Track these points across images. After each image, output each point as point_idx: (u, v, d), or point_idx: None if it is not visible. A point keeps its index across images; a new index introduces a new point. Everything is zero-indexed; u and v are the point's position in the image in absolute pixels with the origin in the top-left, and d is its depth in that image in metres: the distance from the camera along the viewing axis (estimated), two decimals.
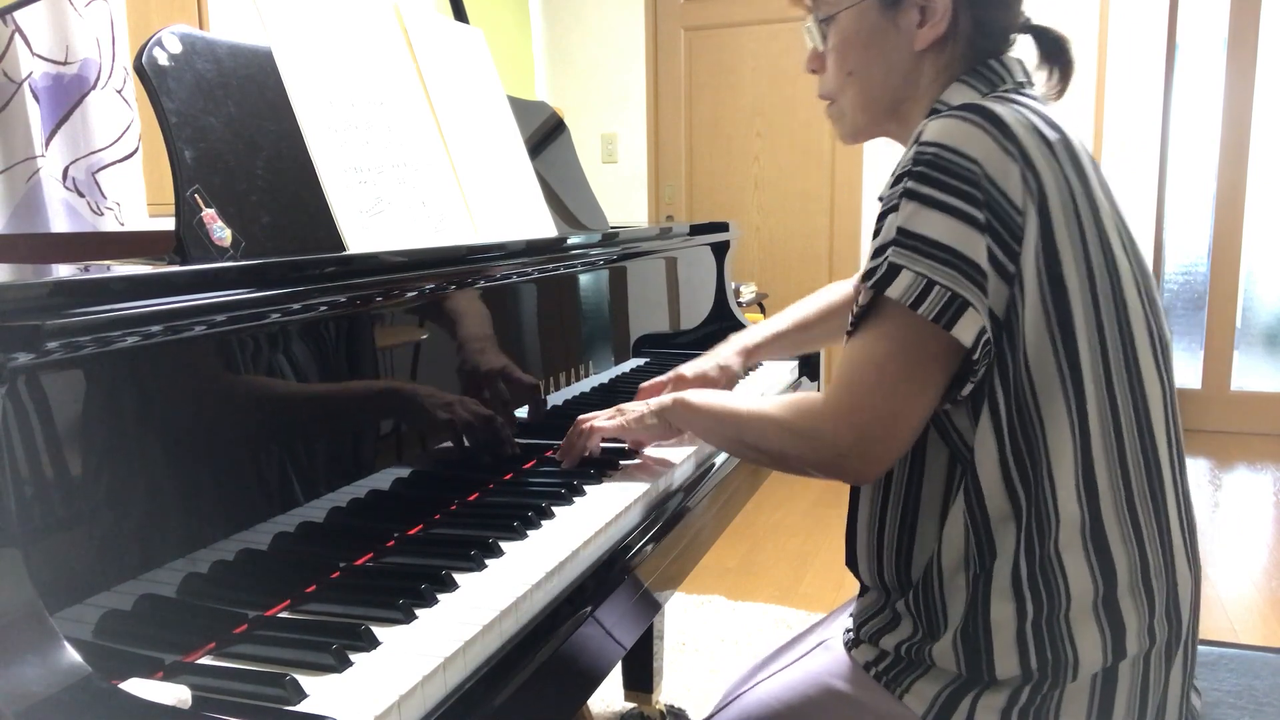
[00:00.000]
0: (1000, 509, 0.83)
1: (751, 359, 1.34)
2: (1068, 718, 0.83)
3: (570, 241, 1.24)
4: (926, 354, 0.80)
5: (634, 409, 1.08)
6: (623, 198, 4.19)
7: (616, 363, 1.40)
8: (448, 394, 0.98)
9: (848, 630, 0.99)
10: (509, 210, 1.23)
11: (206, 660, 0.66)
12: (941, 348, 0.80)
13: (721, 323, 1.82)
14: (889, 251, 0.79)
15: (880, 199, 0.87)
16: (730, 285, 1.84)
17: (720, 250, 1.83)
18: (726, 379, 1.29)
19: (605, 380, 1.35)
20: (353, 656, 0.65)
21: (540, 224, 1.29)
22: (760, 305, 3.82)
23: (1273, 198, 3.94)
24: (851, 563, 0.98)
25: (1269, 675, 1.06)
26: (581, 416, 1.10)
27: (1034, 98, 0.88)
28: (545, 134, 1.58)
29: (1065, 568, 0.82)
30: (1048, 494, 0.81)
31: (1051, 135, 0.82)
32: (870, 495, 0.93)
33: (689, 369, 1.27)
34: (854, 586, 2.63)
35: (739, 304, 1.89)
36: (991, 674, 0.84)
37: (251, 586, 0.73)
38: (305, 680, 0.62)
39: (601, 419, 1.09)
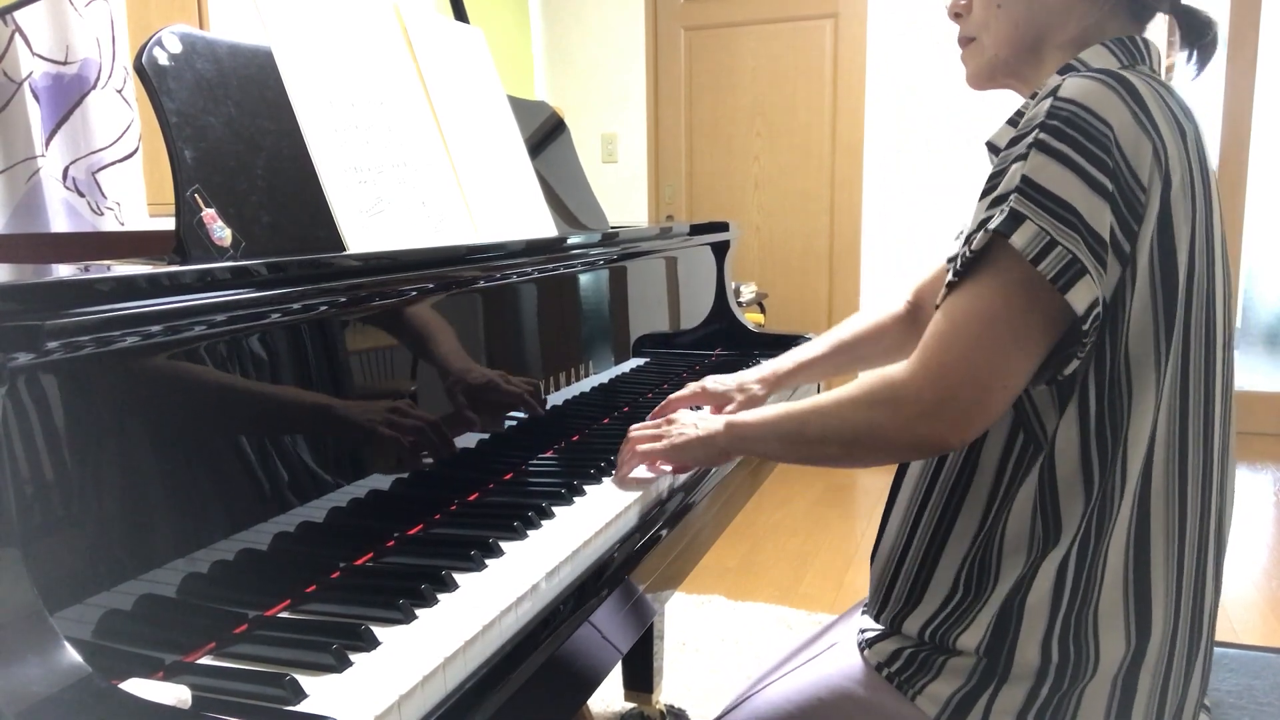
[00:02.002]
0: (1072, 495, 0.81)
1: (778, 387, 1.28)
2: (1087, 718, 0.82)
3: (570, 241, 1.24)
4: (1037, 315, 0.76)
5: (681, 433, 1.03)
6: (623, 198, 4.19)
7: (616, 363, 1.40)
8: (448, 393, 0.98)
9: (862, 630, 0.98)
10: (509, 210, 1.23)
11: (206, 660, 0.66)
12: (1053, 312, 0.76)
13: (721, 322, 1.82)
14: (1010, 199, 0.76)
15: (992, 145, 0.86)
16: (730, 285, 1.84)
17: (720, 250, 1.83)
18: (746, 401, 1.24)
19: (605, 380, 1.35)
20: (353, 656, 0.65)
21: (540, 224, 1.29)
22: (760, 305, 3.82)
23: (1273, 198, 3.94)
24: (881, 542, 0.97)
25: (1269, 675, 1.06)
26: (631, 432, 1.07)
27: (1169, 87, 0.86)
28: (545, 134, 1.58)
29: (1108, 561, 0.81)
30: (1116, 488, 0.80)
31: (1185, 124, 0.81)
32: (920, 463, 0.92)
33: (711, 381, 1.24)
34: (855, 586, 2.63)
35: (739, 304, 1.89)
36: (1009, 662, 0.83)
37: (251, 586, 0.73)
38: (305, 680, 0.62)
39: (648, 440, 1.04)
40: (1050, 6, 0.89)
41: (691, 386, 1.23)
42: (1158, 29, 0.94)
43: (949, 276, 0.81)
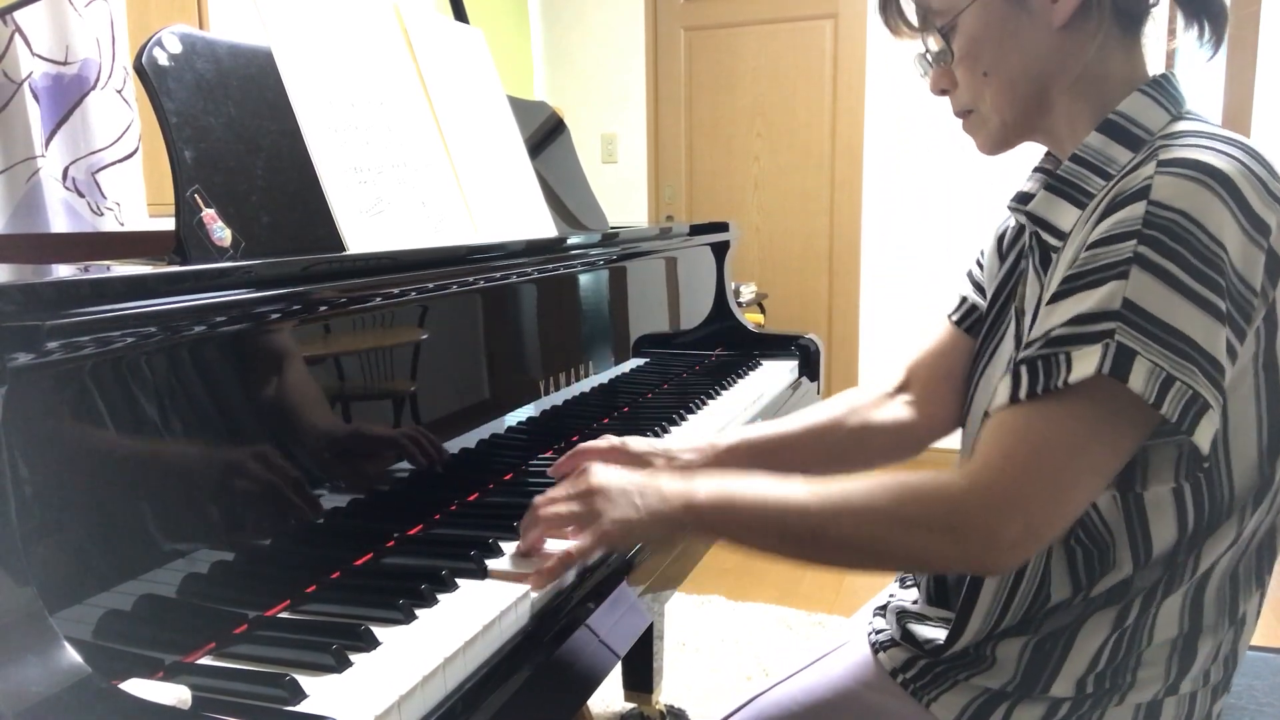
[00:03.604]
0: (1157, 561, 0.77)
1: (715, 462, 1.02)
2: None
3: (570, 241, 1.24)
4: (1129, 444, 0.70)
5: (613, 515, 0.80)
6: (623, 198, 4.19)
7: (616, 363, 1.40)
8: (447, 393, 0.98)
9: (876, 631, 0.96)
10: (509, 210, 1.23)
11: (206, 660, 0.66)
12: (1143, 435, 0.70)
13: (721, 323, 1.82)
14: (1113, 327, 0.66)
15: (1023, 208, 0.78)
16: (730, 285, 1.84)
17: (720, 250, 1.83)
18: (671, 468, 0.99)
19: (605, 380, 1.35)
20: (353, 656, 0.65)
21: (540, 224, 1.29)
22: (760, 305, 3.82)
23: None
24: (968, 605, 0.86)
25: (1269, 675, 1.06)
26: (538, 505, 0.84)
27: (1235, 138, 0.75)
28: (545, 134, 1.58)
29: (1161, 612, 0.79)
30: (1200, 554, 0.76)
31: (1274, 184, 0.70)
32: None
33: (635, 442, 1.00)
34: (855, 586, 2.62)
35: (739, 304, 1.89)
36: (1049, 684, 0.81)
37: (251, 586, 0.73)
38: (305, 680, 0.62)
39: (565, 520, 0.82)
40: (1039, 54, 0.82)
41: (608, 440, 0.99)
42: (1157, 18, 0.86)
43: (1018, 389, 0.70)
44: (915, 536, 0.72)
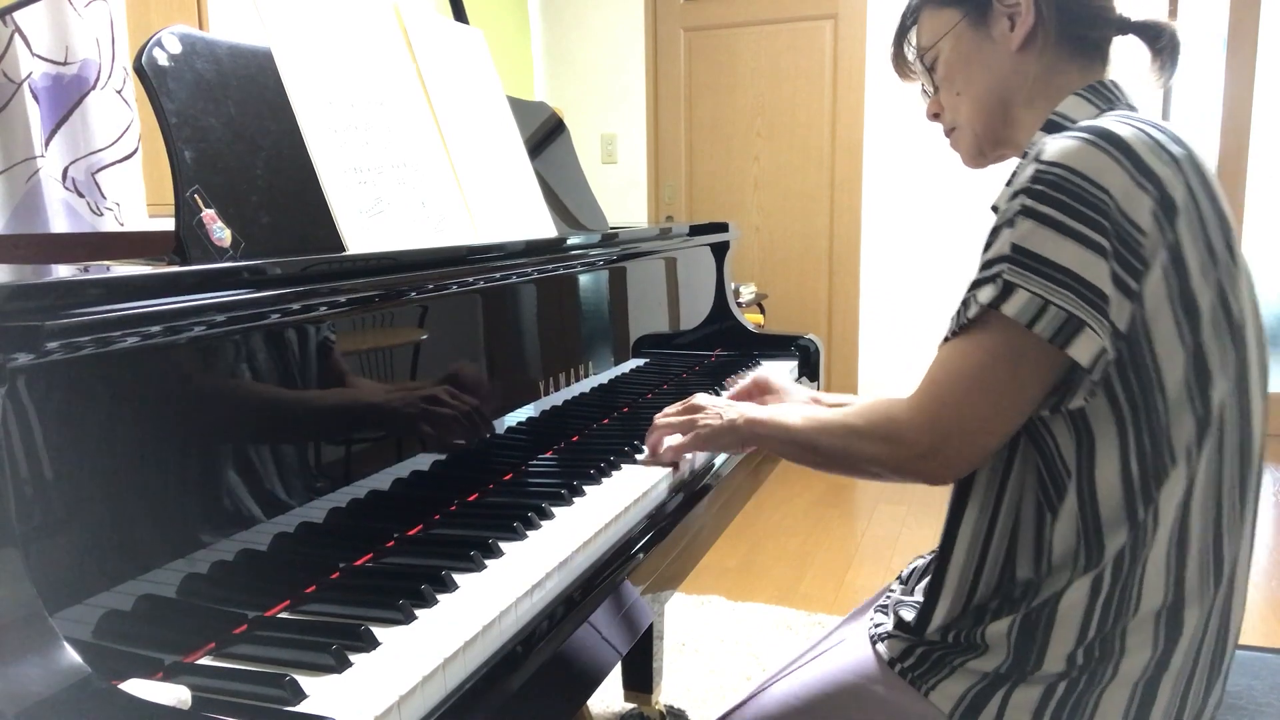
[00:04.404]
0: (1114, 517, 0.83)
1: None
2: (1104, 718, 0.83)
3: (570, 242, 1.24)
4: (1029, 368, 0.81)
5: (708, 421, 1.07)
6: (623, 198, 4.19)
7: (616, 363, 1.40)
8: (447, 394, 0.98)
9: (875, 625, 0.99)
10: (509, 210, 1.23)
11: (206, 660, 0.66)
12: (1049, 363, 0.81)
13: (721, 323, 1.82)
14: (1002, 268, 0.80)
15: (995, 209, 0.88)
16: (730, 286, 1.84)
17: (720, 250, 1.83)
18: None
19: (605, 381, 1.35)
20: (352, 657, 0.65)
21: (540, 224, 1.29)
22: (760, 305, 3.82)
23: (1272, 198, 3.94)
24: (941, 580, 0.94)
25: (1269, 675, 1.06)
26: (657, 419, 1.13)
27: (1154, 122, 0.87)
28: (545, 134, 1.58)
29: (1146, 577, 0.82)
30: (1158, 506, 0.82)
31: (1177, 150, 0.82)
32: (976, 514, 0.92)
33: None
34: (855, 586, 2.62)
35: (739, 304, 1.89)
36: (1034, 665, 0.84)
37: (251, 586, 0.73)
38: (305, 680, 0.62)
39: (675, 429, 1.10)
40: (1001, 73, 0.96)
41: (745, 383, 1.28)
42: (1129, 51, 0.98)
43: (947, 330, 0.86)
44: (867, 445, 0.89)
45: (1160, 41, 0.95)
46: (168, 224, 0.85)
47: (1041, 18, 0.93)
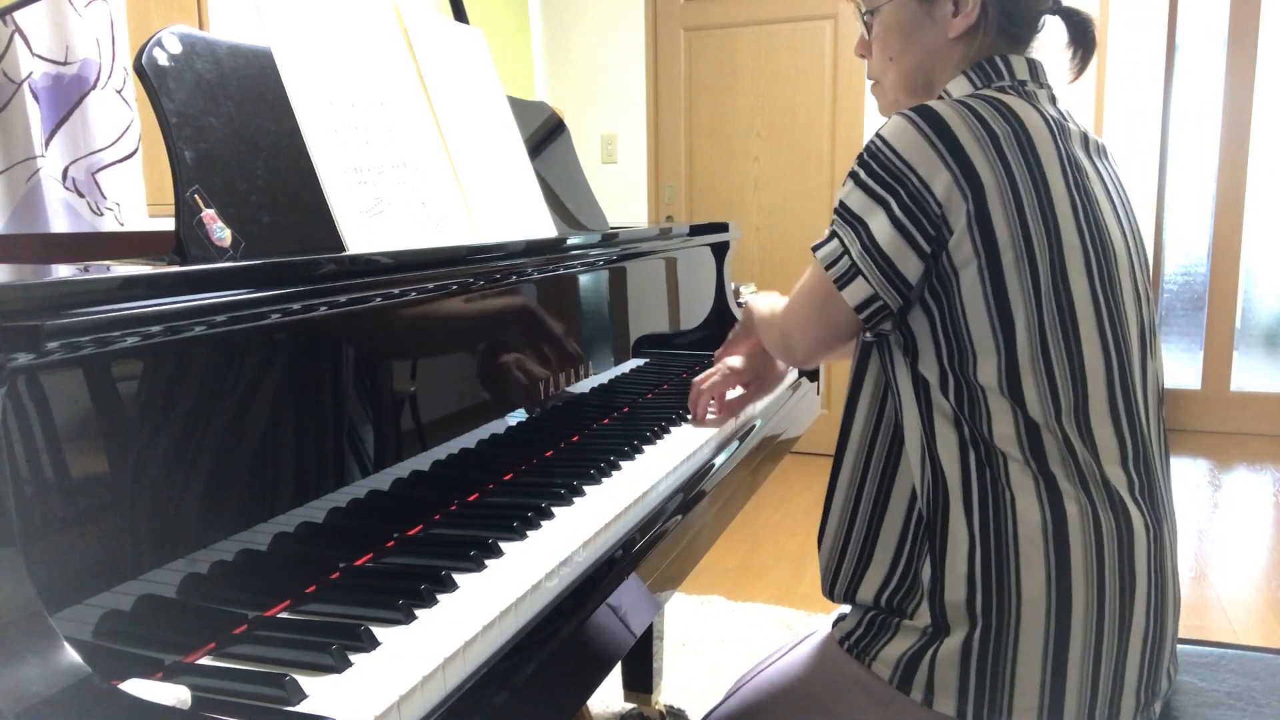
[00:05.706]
0: (950, 457, 0.92)
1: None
2: (1024, 667, 0.87)
3: (570, 242, 1.24)
4: (834, 300, 0.96)
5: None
6: (623, 198, 4.19)
7: (616, 363, 1.40)
8: (447, 394, 0.98)
9: (840, 615, 1.04)
10: (509, 210, 1.23)
11: (206, 660, 0.66)
12: (842, 300, 0.95)
13: (721, 323, 1.82)
14: (833, 219, 0.96)
15: None
16: (730, 286, 1.84)
17: (720, 251, 1.83)
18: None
19: (605, 381, 1.35)
20: (353, 657, 0.65)
21: (540, 224, 1.29)
22: None
23: (1272, 198, 3.94)
24: (827, 524, 1.06)
25: (1269, 676, 1.06)
26: (695, 381, 1.33)
27: (1026, 94, 0.96)
28: (545, 134, 1.58)
29: (1014, 505, 0.89)
30: (993, 436, 0.90)
31: (1000, 128, 0.89)
32: (855, 449, 1.02)
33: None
34: None
35: (739, 304, 1.89)
36: (944, 594, 0.90)
37: (251, 586, 0.73)
38: (305, 680, 0.62)
39: (709, 376, 1.32)
40: (932, 51, 1.02)
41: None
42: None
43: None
44: (773, 334, 1.14)
45: (1084, 37, 1.02)
46: (168, 224, 0.85)
47: (985, 16, 0.98)
